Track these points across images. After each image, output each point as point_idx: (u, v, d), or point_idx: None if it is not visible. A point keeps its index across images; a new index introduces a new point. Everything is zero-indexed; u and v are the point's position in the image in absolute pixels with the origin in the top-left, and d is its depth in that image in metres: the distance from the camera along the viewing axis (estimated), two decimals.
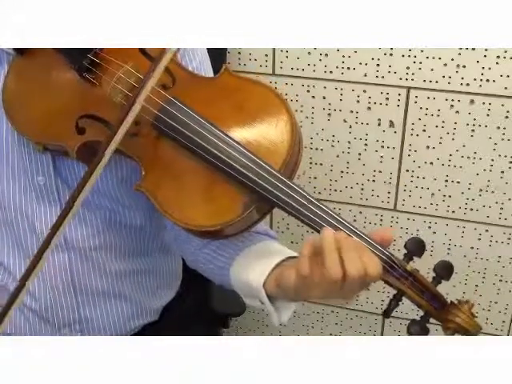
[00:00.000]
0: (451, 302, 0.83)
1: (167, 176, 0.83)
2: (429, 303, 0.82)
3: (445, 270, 0.82)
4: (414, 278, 0.80)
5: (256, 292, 0.86)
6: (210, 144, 0.80)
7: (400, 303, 0.83)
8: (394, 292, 0.82)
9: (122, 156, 0.86)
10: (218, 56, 0.90)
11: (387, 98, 1.42)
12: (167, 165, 0.84)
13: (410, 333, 0.82)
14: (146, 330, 1.11)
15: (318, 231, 0.79)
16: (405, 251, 0.82)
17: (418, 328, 0.82)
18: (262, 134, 0.82)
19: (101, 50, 0.85)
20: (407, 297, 0.81)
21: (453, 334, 0.82)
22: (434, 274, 0.83)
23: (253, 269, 0.87)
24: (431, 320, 0.83)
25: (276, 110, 0.83)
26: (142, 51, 0.85)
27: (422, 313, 0.84)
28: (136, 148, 0.84)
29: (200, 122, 0.81)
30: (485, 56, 1.32)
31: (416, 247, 0.81)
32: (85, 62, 0.84)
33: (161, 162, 0.84)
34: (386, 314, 0.82)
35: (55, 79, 0.88)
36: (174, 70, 0.86)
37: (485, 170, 1.44)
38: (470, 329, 0.81)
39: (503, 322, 1.60)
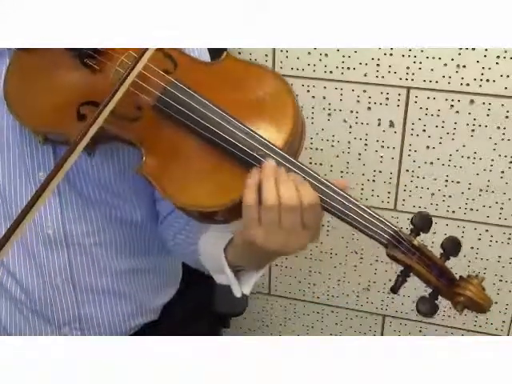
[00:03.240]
0: (460, 276, 0.81)
1: (170, 159, 0.83)
2: (437, 279, 0.79)
3: (453, 246, 0.80)
4: (421, 252, 0.79)
5: (218, 260, 0.86)
6: (213, 124, 0.80)
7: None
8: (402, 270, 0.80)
9: (124, 145, 0.87)
10: (218, 56, 0.90)
11: (387, 98, 1.42)
12: (169, 147, 0.84)
13: (418, 310, 0.79)
14: (146, 329, 1.11)
15: (326, 209, 0.79)
16: (411, 226, 0.80)
17: (428, 305, 0.79)
18: (264, 114, 0.82)
19: None
20: (415, 273, 0.79)
21: (463, 310, 0.79)
22: (441, 251, 0.81)
23: (217, 238, 0.88)
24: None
25: (278, 91, 0.83)
26: None
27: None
28: (137, 133, 0.84)
29: (202, 102, 0.81)
30: (485, 56, 1.32)
31: (422, 222, 0.80)
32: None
33: (163, 145, 0.84)
34: (394, 290, 0.80)
35: (56, 66, 0.88)
36: (176, 55, 0.87)
37: (485, 169, 1.44)
38: (481, 302, 0.78)
39: (503, 322, 1.60)
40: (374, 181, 1.53)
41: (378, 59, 1.39)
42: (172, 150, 0.84)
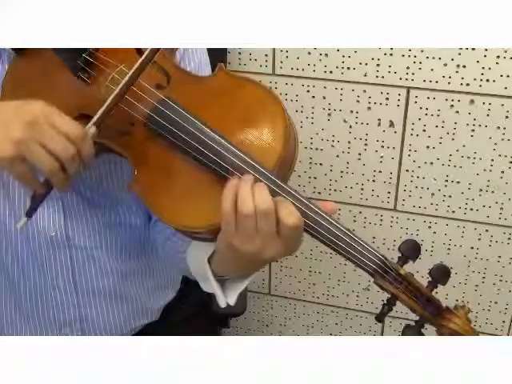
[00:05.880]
0: (446, 307, 0.81)
1: (159, 177, 0.83)
2: (423, 308, 0.80)
3: (441, 274, 0.80)
4: (408, 282, 0.79)
5: (203, 268, 0.86)
6: (201, 143, 0.79)
7: (394, 308, 0.82)
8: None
9: (123, 158, 0.86)
10: (218, 56, 0.90)
11: (387, 98, 1.43)
12: (158, 165, 0.83)
13: None
14: (147, 330, 1.11)
15: (312, 235, 0.78)
16: (399, 254, 0.80)
17: (413, 333, 0.80)
18: (255, 133, 0.81)
19: (96, 49, 0.85)
20: (401, 301, 0.80)
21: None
22: (429, 279, 0.81)
23: (203, 246, 0.87)
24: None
25: (270, 109, 0.82)
26: (139, 51, 0.85)
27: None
28: (127, 147, 0.84)
29: (192, 121, 0.81)
30: (485, 56, 1.32)
31: (410, 250, 0.80)
32: (79, 61, 0.84)
33: (152, 161, 0.84)
34: (379, 318, 0.81)
35: (52, 79, 0.88)
36: (169, 69, 0.86)
37: (485, 169, 1.44)
38: (464, 334, 0.79)
39: (503, 322, 1.60)
40: (373, 181, 1.53)
41: (378, 59, 1.39)
42: (161, 168, 0.83)
